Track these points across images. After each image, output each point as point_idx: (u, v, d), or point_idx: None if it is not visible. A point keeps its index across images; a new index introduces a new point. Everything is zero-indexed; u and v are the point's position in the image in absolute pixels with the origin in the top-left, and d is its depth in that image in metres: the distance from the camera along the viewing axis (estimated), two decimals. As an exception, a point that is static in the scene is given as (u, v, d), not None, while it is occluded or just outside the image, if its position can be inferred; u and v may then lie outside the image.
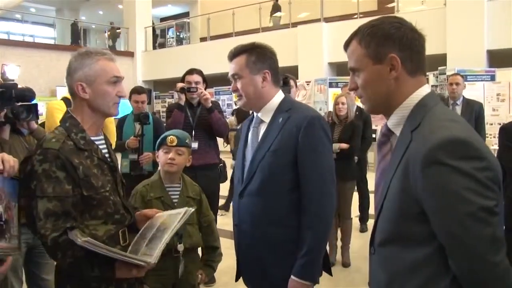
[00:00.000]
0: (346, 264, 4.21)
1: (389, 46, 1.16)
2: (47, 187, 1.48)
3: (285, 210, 1.77)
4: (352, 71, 1.25)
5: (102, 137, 1.73)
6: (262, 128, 1.86)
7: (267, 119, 1.84)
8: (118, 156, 3.93)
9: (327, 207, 1.76)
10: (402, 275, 1.12)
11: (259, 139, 1.84)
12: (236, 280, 2.00)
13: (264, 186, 1.78)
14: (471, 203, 0.98)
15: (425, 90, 1.19)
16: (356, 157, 4.56)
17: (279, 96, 1.86)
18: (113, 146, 3.68)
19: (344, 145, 4.16)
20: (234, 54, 1.84)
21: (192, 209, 1.73)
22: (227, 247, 2.52)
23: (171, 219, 1.68)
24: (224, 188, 3.91)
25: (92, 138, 1.64)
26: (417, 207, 1.06)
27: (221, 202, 4.06)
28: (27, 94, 2.35)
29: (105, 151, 1.70)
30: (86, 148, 1.59)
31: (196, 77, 3.76)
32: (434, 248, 1.06)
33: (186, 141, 2.41)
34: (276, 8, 14.60)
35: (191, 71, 3.83)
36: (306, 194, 1.75)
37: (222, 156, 4.05)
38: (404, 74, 1.17)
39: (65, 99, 3.51)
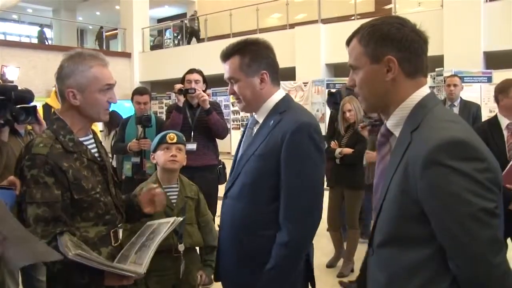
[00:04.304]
0: (341, 275, 3.90)
1: (387, 46, 1.15)
2: (35, 193, 1.47)
3: (263, 220, 1.63)
4: (352, 68, 1.24)
5: (91, 136, 1.70)
6: (255, 130, 1.75)
7: (261, 120, 1.72)
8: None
9: (304, 225, 1.59)
10: (401, 276, 1.12)
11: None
12: (215, 281, 1.90)
13: (244, 191, 1.66)
14: (471, 204, 0.98)
15: (424, 91, 1.18)
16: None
17: (277, 95, 1.71)
18: None
19: (347, 150, 3.88)
20: (226, 55, 1.69)
21: (180, 219, 1.73)
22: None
23: (160, 228, 1.69)
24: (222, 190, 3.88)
25: (81, 138, 1.63)
26: (416, 208, 1.05)
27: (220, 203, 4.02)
28: (27, 96, 2.33)
29: (94, 150, 1.67)
30: (75, 150, 1.58)
31: (196, 76, 3.76)
32: (433, 250, 1.05)
33: (183, 138, 2.43)
34: (192, 33, 14.56)
35: (191, 71, 3.84)
36: (283, 207, 1.59)
37: (221, 158, 4.03)
38: (402, 76, 1.16)
39: (45, 106, 3.42)
